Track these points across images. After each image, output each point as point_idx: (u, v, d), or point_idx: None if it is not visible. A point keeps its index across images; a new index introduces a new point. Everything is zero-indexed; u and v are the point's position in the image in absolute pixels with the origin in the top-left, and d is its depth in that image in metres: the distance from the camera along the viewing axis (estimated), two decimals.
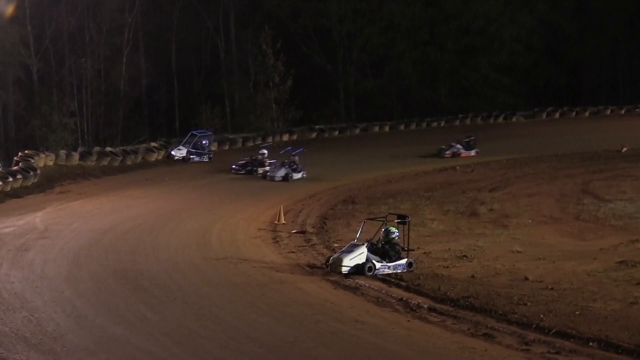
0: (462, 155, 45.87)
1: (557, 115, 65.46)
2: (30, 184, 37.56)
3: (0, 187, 35.08)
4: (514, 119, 64.54)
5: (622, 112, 65.81)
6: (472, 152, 46.41)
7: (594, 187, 35.07)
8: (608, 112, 65.90)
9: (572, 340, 15.46)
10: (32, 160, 40.75)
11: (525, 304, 17.60)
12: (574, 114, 65.55)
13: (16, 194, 35.43)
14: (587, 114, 65.52)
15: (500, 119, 64.69)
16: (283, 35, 61.48)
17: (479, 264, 21.79)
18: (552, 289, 18.88)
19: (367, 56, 69.94)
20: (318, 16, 67.84)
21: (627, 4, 69.64)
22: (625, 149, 45.51)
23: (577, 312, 16.97)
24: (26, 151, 43.33)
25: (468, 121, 64.16)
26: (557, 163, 42.99)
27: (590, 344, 15.22)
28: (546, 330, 15.90)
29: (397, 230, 21.56)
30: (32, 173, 38.32)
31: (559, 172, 40.01)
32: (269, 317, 17.00)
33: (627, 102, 67.25)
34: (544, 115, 65.47)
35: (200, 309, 17.43)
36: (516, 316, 16.77)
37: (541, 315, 16.67)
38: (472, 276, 20.35)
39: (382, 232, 21.59)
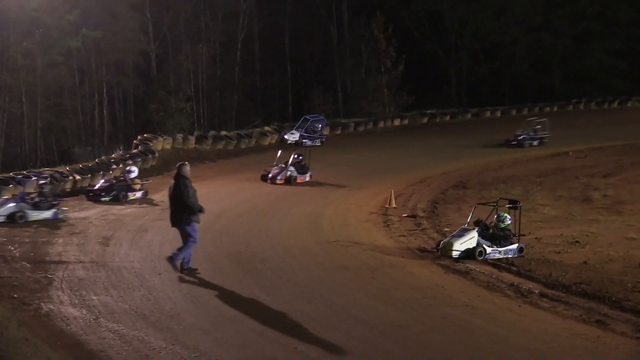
0: (299, 180, 35.71)
1: None
2: (148, 166, 38.71)
3: (120, 169, 36.19)
4: (629, 104, 62.96)
5: None
6: (307, 177, 36.19)
7: None
8: None
9: None
10: (151, 144, 41.99)
11: None
12: None
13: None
14: None
15: (615, 104, 63.24)
16: (395, 21, 61.48)
17: (591, 250, 21.47)
18: None
19: (479, 42, 69.31)
20: (430, 1, 67.61)
21: None
22: None
23: None
24: (145, 135, 44.56)
25: (582, 106, 62.99)
26: None
27: None
28: None
29: (510, 217, 21.43)
30: (150, 156, 39.49)
31: None
32: (379, 300, 17.09)
33: None
34: None
35: (311, 292, 17.62)
36: (631, 304, 16.41)
37: None
38: (585, 262, 20.04)
39: (494, 217, 21.51)
